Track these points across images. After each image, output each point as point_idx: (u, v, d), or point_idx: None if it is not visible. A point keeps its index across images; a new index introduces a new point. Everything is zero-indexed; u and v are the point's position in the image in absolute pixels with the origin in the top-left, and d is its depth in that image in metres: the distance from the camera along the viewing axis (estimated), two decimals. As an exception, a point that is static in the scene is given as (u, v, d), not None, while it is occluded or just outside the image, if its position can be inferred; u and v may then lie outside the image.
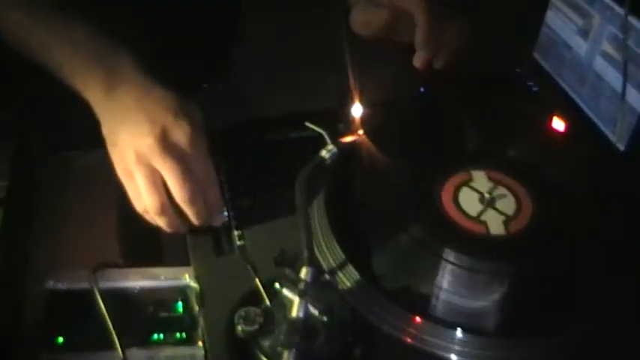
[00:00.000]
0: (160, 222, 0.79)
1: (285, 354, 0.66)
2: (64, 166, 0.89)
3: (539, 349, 0.72)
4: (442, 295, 0.76)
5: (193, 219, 0.78)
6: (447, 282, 0.76)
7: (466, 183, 0.85)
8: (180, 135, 0.76)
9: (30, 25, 0.85)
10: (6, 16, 0.86)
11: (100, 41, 0.83)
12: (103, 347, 0.70)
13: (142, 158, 0.76)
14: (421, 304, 0.75)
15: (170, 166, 0.75)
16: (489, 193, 0.84)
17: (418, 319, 0.73)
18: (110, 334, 0.70)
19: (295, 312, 0.68)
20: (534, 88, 1.07)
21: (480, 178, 0.86)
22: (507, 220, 0.82)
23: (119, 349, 0.69)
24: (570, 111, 0.98)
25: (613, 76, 0.92)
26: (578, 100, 0.99)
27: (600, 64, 0.95)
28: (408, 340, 0.73)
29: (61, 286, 0.75)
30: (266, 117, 0.96)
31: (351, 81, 0.91)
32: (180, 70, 0.97)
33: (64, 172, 0.88)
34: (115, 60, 0.81)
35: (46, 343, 0.71)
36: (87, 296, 0.73)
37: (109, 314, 0.71)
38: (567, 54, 1.02)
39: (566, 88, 1.02)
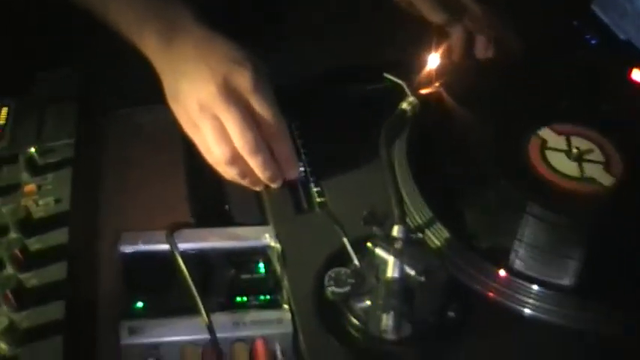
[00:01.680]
0: (233, 173, 0.76)
1: (384, 318, 0.62)
2: (128, 123, 0.85)
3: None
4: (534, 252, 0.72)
5: (258, 172, 0.75)
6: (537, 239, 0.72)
7: (555, 136, 0.81)
8: (242, 80, 0.73)
9: None
10: None
11: None
12: (186, 312, 0.66)
13: (206, 108, 0.73)
14: (510, 260, 0.72)
15: (232, 114, 0.72)
16: (577, 148, 0.79)
17: (504, 274, 0.70)
18: (193, 298, 0.66)
19: (391, 273, 0.64)
20: (592, 41, 1.02)
21: (566, 133, 0.81)
22: (596, 176, 0.77)
23: (204, 314, 0.65)
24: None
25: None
26: None
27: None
28: (502, 299, 0.69)
29: (137, 248, 0.71)
30: (340, 69, 0.91)
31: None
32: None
33: (128, 129, 0.85)
34: (173, 11, 0.78)
35: (125, 309, 0.67)
36: (165, 258, 0.69)
37: (190, 277, 0.67)
38: (629, 6, 0.98)
39: (622, 36, 0.99)
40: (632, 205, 0.76)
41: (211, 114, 0.73)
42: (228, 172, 0.76)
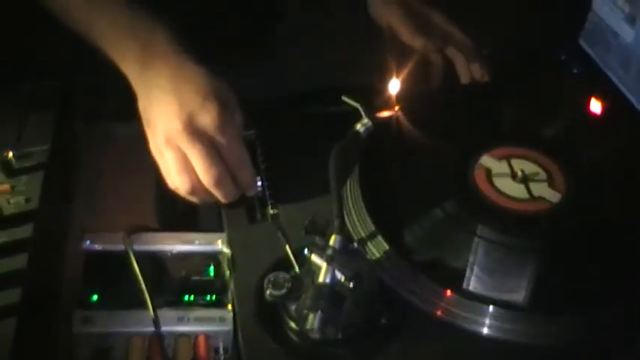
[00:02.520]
0: (192, 199, 0.80)
1: (311, 317, 0.67)
2: (103, 135, 0.92)
3: (568, 326, 0.73)
4: (472, 270, 0.76)
5: (221, 200, 0.79)
6: (477, 257, 0.77)
7: (500, 160, 0.85)
8: (207, 120, 0.76)
9: None
10: None
11: (136, 15, 0.83)
12: (136, 306, 0.72)
13: (171, 141, 0.77)
14: (449, 277, 0.76)
15: (196, 151, 0.76)
16: (522, 171, 0.84)
17: (446, 292, 0.74)
18: (142, 294, 0.72)
19: (322, 277, 0.69)
20: (574, 70, 1.08)
21: (514, 156, 0.86)
22: (540, 197, 0.82)
23: (150, 308, 0.71)
24: (613, 96, 1.00)
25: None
26: (621, 86, 1.01)
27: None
28: (435, 312, 0.74)
29: (97, 247, 0.77)
30: (304, 91, 0.97)
31: (389, 58, 0.92)
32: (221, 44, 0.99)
33: (102, 141, 0.91)
34: (151, 35, 0.81)
35: (80, 300, 0.73)
36: (121, 258, 0.75)
37: (142, 276, 0.73)
38: (613, 41, 1.03)
39: (611, 75, 1.04)
40: (580, 220, 0.81)
41: (176, 147, 0.76)
42: (187, 198, 0.80)
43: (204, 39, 0.85)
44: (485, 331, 0.73)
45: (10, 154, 0.81)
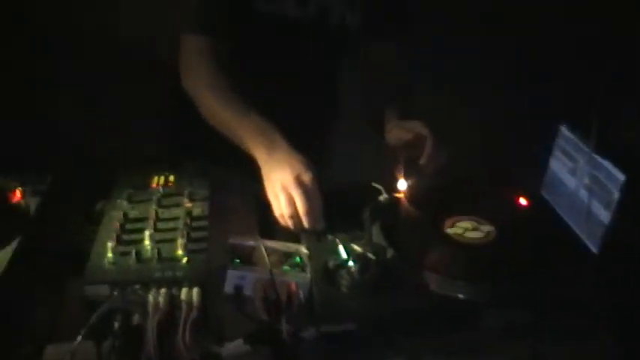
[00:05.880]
0: (289, 223, 1.45)
1: (353, 269, 1.31)
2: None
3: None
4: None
5: (306, 224, 1.44)
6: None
7: (458, 222, 1.51)
8: (307, 178, 1.44)
9: (218, 108, 1.61)
10: (201, 97, 1.66)
11: (262, 123, 1.54)
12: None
13: (285, 187, 1.44)
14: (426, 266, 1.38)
15: (299, 194, 1.43)
16: (471, 225, 1.49)
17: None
18: (265, 262, 1.35)
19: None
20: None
21: (468, 221, 1.51)
22: (478, 240, 1.46)
23: (269, 266, 1.34)
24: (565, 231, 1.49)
25: (590, 201, 1.39)
26: (569, 221, 1.48)
27: (583, 195, 1.42)
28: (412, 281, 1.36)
29: (238, 241, 1.41)
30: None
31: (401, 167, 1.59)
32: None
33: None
34: (272, 135, 1.52)
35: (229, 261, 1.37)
36: (251, 248, 1.40)
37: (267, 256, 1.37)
38: (562, 188, 1.47)
39: (561, 213, 1.51)
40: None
41: (287, 191, 1.44)
42: (287, 222, 1.46)
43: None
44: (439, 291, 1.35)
45: (190, 189, 1.50)
